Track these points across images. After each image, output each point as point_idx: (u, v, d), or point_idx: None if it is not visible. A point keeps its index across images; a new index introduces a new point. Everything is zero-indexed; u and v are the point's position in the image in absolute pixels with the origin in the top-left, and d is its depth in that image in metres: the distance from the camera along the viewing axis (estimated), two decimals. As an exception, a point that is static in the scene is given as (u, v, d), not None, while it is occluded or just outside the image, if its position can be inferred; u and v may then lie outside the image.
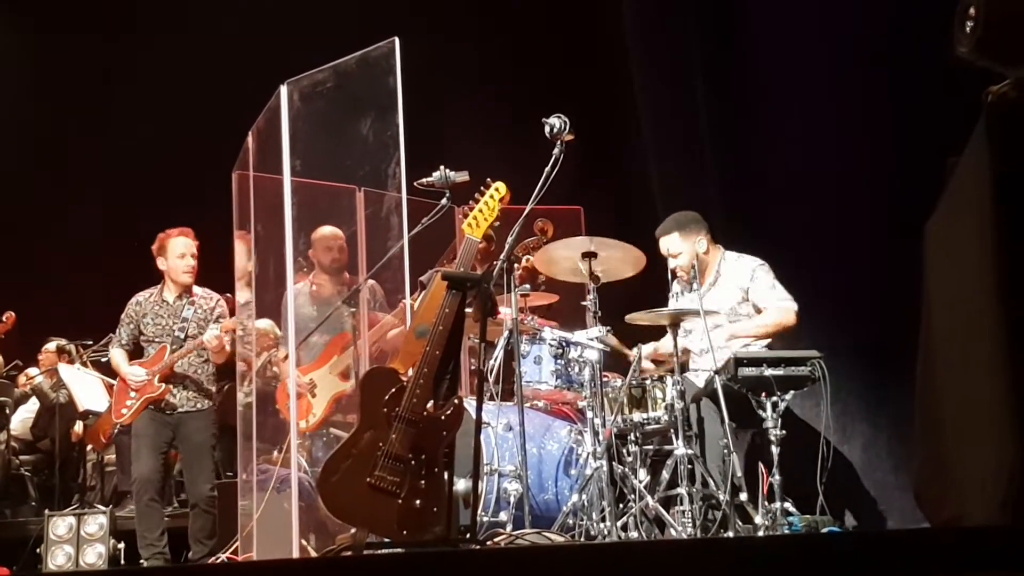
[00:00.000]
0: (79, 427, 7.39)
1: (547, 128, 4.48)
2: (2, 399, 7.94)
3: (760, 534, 4.49)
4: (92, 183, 8.55)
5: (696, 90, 6.49)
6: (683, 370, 4.97)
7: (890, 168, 5.14)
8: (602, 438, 4.70)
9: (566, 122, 4.47)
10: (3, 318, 8.00)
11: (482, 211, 4.04)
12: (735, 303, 5.27)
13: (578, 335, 4.99)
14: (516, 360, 4.75)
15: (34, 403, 7.95)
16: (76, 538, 6.05)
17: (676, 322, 4.94)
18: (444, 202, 4.40)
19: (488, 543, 4.15)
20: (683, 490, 4.58)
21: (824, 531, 4.61)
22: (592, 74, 7.56)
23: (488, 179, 4.11)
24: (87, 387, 7.13)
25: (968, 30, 2.95)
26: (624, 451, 4.92)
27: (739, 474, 4.56)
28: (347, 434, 3.89)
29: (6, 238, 8.33)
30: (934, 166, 3.45)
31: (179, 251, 5.86)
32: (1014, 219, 2.79)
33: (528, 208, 4.38)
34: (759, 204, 6.03)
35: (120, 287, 5.95)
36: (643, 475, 4.83)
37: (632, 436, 4.90)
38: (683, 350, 5.14)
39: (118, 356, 5.88)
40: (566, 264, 5.14)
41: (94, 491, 7.36)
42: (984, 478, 2.84)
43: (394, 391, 3.76)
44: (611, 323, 5.02)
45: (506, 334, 4.97)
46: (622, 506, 4.70)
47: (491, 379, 5.04)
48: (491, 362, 5.05)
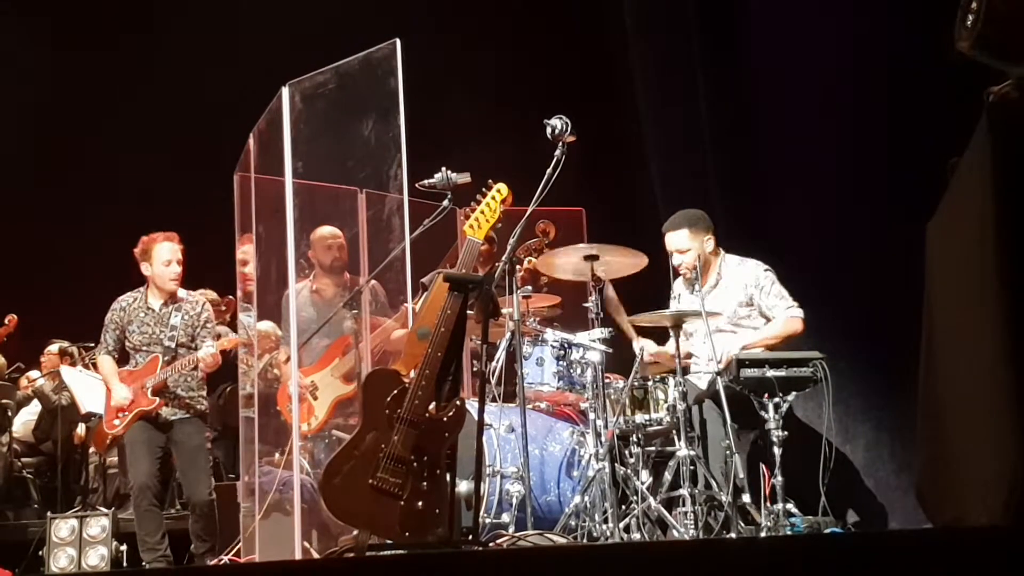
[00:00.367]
0: (81, 429, 7.38)
1: (548, 129, 4.47)
2: (4, 401, 7.92)
3: (762, 535, 4.49)
4: (93, 184, 8.53)
5: (696, 90, 6.50)
6: (685, 372, 4.97)
7: (891, 168, 5.14)
8: (604, 439, 4.70)
9: (567, 123, 4.46)
10: (5, 320, 8.01)
11: (484, 213, 4.04)
12: (736, 306, 5.26)
13: (580, 337, 4.99)
14: (518, 362, 4.75)
15: (36, 405, 7.93)
16: (78, 540, 6.04)
17: (678, 323, 4.95)
18: (446, 204, 4.39)
19: (490, 545, 4.15)
20: (685, 491, 4.59)
21: (826, 532, 4.61)
22: (593, 75, 7.57)
23: (490, 180, 4.11)
24: (89, 389, 7.11)
25: (969, 24, 2.95)
26: (626, 452, 4.92)
27: (741, 475, 4.56)
28: (349, 436, 3.89)
29: (8, 240, 8.32)
30: (935, 166, 3.45)
31: (165, 257, 5.70)
32: (1015, 219, 2.79)
33: (530, 209, 4.36)
34: (759, 204, 6.03)
35: (121, 289, 5.92)
36: (645, 476, 4.83)
37: (634, 437, 4.90)
38: (685, 353, 5.13)
39: (107, 365, 5.77)
40: (568, 266, 5.16)
41: (96, 493, 7.36)
42: (986, 479, 2.84)
43: (396, 393, 3.76)
44: (612, 322, 5.01)
45: (508, 336, 4.97)
46: (624, 507, 4.70)
47: (493, 381, 5.04)
48: (493, 364, 5.05)
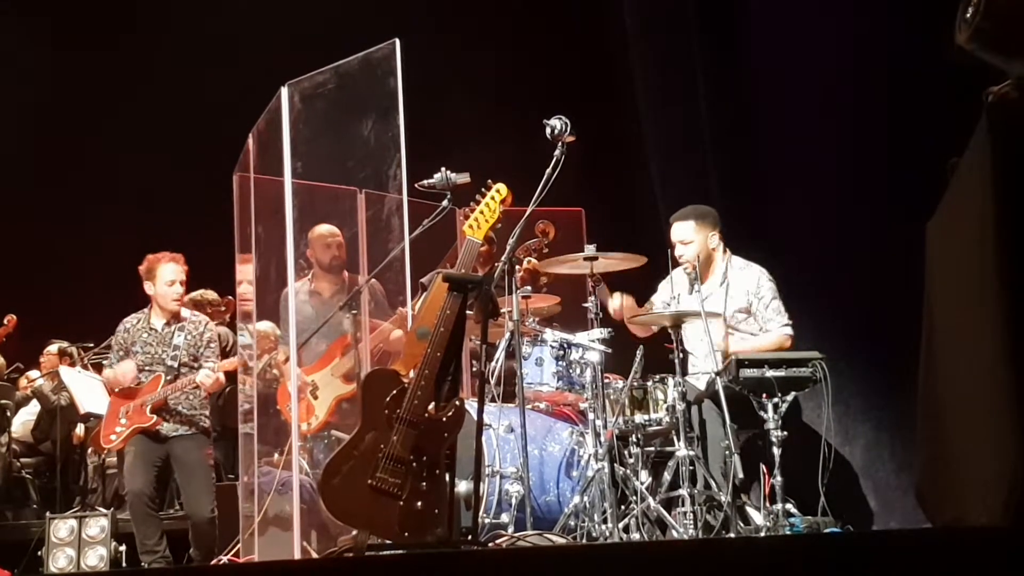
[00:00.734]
0: (80, 430, 7.37)
1: (548, 129, 4.47)
2: (3, 402, 7.92)
3: (762, 535, 4.49)
4: (93, 184, 8.54)
5: (696, 90, 6.49)
6: (683, 372, 4.96)
7: (891, 168, 5.14)
8: (603, 440, 4.70)
9: (567, 123, 4.46)
10: (5, 321, 8.01)
11: (483, 213, 4.04)
12: (735, 310, 5.27)
13: (579, 337, 4.98)
14: (517, 362, 4.75)
15: (35, 406, 7.93)
16: (77, 541, 6.03)
17: (678, 323, 4.94)
18: (445, 204, 4.39)
19: (489, 545, 4.15)
20: (685, 491, 4.59)
21: (826, 532, 4.61)
22: (593, 75, 7.56)
23: (489, 181, 4.10)
24: (88, 389, 7.11)
25: (968, 17, 2.94)
26: (626, 453, 4.92)
27: (740, 475, 4.56)
28: (348, 436, 3.89)
29: (8, 240, 8.32)
30: (935, 166, 3.45)
31: (168, 278, 5.80)
32: (1015, 219, 2.79)
33: (529, 210, 4.36)
34: (759, 204, 6.03)
35: (121, 289, 5.93)
36: (645, 476, 4.83)
37: (634, 438, 4.90)
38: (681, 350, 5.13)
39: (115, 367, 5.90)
40: (567, 265, 5.17)
41: (95, 494, 7.35)
42: (986, 479, 2.83)
43: (395, 393, 3.76)
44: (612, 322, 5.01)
45: (507, 336, 4.97)
46: (624, 508, 4.70)
47: (492, 381, 5.04)
48: (492, 364, 5.05)
